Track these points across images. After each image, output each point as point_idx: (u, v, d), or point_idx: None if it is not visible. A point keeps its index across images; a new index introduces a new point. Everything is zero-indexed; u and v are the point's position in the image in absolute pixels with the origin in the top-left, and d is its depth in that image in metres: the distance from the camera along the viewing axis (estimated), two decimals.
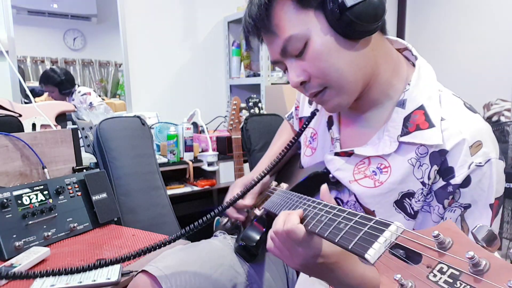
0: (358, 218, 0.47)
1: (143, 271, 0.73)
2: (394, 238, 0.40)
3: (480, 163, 0.59)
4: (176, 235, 0.65)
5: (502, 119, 2.03)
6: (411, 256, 0.38)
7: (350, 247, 0.44)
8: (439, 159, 0.61)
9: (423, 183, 0.63)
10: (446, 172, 0.61)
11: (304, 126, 0.78)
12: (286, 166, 1.00)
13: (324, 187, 0.60)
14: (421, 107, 0.64)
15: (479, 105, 2.21)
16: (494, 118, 2.10)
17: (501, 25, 2.31)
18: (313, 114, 0.79)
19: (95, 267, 0.62)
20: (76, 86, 2.22)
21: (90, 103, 2.19)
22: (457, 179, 0.60)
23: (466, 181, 0.60)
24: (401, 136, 0.64)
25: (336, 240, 0.46)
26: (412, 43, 0.72)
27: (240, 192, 0.74)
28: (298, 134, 0.79)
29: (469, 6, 2.47)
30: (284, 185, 0.83)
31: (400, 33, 3.00)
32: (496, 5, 2.34)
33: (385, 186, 0.66)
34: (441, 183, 0.62)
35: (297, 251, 0.56)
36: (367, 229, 0.44)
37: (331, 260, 0.55)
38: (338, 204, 0.73)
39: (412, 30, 2.79)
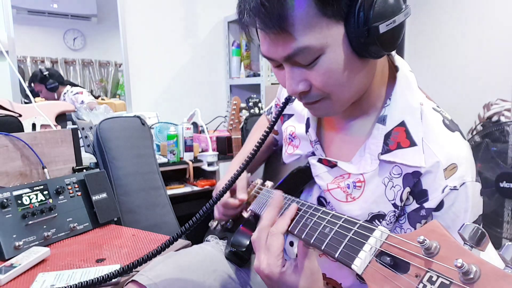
0: (342, 222, 0.47)
1: (132, 281, 0.71)
2: (379, 245, 0.40)
3: (455, 186, 0.57)
4: (175, 234, 0.64)
5: (502, 119, 2.03)
6: (399, 263, 0.37)
7: (336, 256, 0.44)
8: (412, 180, 0.60)
9: (394, 205, 0.61)
10: (420, 194, 0.60)
11: (278, 112, 0.74)
12: (269, 163, 0.99)
13: None
14: (402, 124, 0.62)
15: (479, 105, 2.21)
16: (494, 118, 2.09)
17: (501, 25, 2.31)
18: (287, 101, 0.74)
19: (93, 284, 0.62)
20: (68, 86, 2.22)
21: (82, 101, 2.20)
22: (431, 203, 0.58)
23: (440, 205, 0.58)
24: (381, 154, 0.62)
25: (323, 248, 0.47)
26: (411, 43, 0.71)
27: (225, 185, 0.69)
28: (271, 126, 0.73)
29: (469, 6, 2.46)
30: (269, 184, 0.82)
31: None
32: (496, 5, 2.33)
33: (357, 203, 0.64)
34: (414, 205, 0.60)
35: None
36: (352, 234, 0.44)
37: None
38: (321, 204, 0.73)
39: (411, 29, 2.79)
